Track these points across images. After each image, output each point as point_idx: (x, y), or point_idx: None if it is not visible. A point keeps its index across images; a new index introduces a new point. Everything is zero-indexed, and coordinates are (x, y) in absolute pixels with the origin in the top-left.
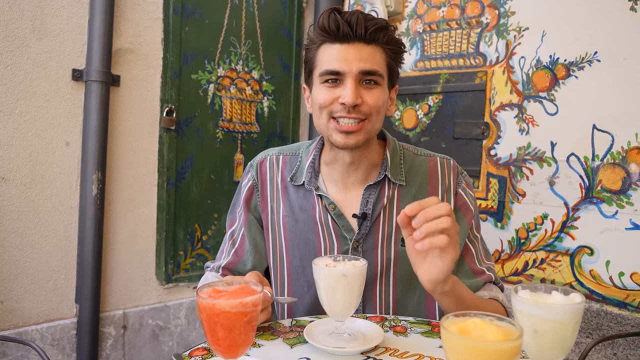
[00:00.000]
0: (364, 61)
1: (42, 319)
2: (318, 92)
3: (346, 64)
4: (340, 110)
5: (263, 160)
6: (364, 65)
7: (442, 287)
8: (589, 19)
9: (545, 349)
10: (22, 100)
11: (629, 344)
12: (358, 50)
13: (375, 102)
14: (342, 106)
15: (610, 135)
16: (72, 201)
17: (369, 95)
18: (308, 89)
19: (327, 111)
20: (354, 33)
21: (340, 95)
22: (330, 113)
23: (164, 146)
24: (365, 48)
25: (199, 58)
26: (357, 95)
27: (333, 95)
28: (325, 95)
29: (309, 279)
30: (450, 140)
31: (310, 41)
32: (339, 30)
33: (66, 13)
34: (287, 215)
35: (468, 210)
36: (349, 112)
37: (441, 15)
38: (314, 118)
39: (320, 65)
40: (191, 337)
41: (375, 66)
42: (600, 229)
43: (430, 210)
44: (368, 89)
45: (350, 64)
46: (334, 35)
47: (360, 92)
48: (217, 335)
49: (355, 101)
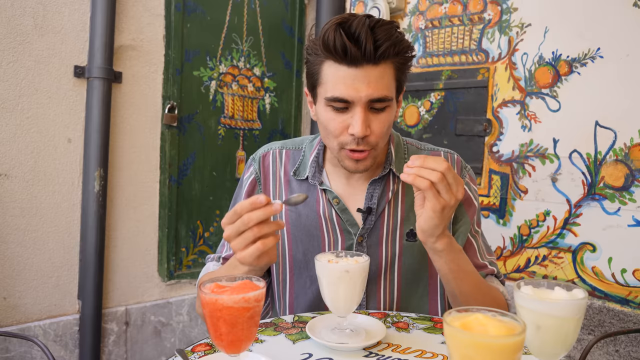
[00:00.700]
0: (372, 87)
1: (44, 315)
2: (325, 116)
3: (354, 92)
4: (350, 142)
5: (266, 154)
6: (372, 93)
7: (433, 243)
8: (591, 15)
9: (547, 345)
10: (24, 97)
11: (631, 341)
12: (367, 75)
13: (382, 130)
14: (351, 137)
15: (613, 131)
16: (75, 198)
17: (376, 123)
18: (312, 97)
19: (338, 142)
20: (362, 54)
21: (349, 125)
22: (341, 144)
23: (166, 143)
24: (373, 71)
25: (200, 55)
26: (366, 125)
27: (342, 124)
28: (334, 123)
29: (311, 273)
30: (452, 137)
31: (312, 51)
32: (347, 54)
33: (68, 10)
34: (290, 209)
35: (471, 205)
36: (358, 144)
37: (443, 11)
38: (321, 133)
39: (325, 87)
40: (193, 334)
41: (385, 91)
42: (602, 226)
43: (430, 161)
44: (376, 114)
45: (359, 91)
46: (340, 57)
47: (369, 120)
48: (220, 330)
49: (365, 132)
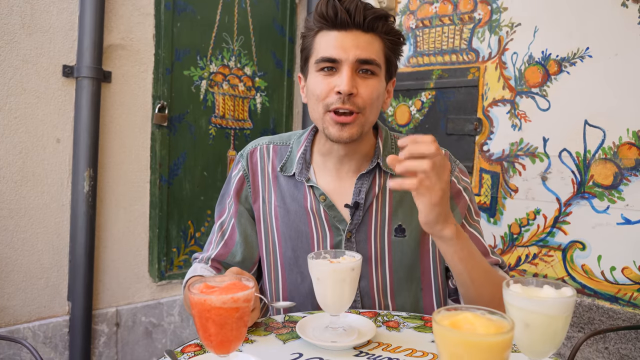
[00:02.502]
0: (361, 49)
1: (34, 316)
2: (314, 81)
3: (343, 51)
4: (336, 101)
5: (253, 150)
6: (360, 53)
7: (440, 231)
8: (580, 14)
9: (536, 343)
10: (11, 97)
11: (620, 338)
12: (355, 37)
13: (370, 94)
14: (337, 96)
15: (602, 130)
16: (64, 198)
17: (364, 86)
18: (303, 77)
19: (323, 104)
20: (352, 20)
21: (335, 85)
22: (326, 106)
23: (156, 143)
24: (363, 36)
25: (191, 54)
26: (353, 84)
27: (329, 85)
28: (321, 85)
29: (302, 270)
30: (443, 136)
31: (307, 28)
32: (337, 17)
33: (56, 9)
34: (279, 205)
35: (461, 198)
36: (344, 103)
37: (434, 11)
38: (309, 108)
39: (316, 53)
40: (184, 334)
41: (373, 55)
42: (592, 224)
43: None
44: (364, 78)
45: (347, 51)
46: (332, 22)
47: (356, 82)
48: (209, 331)
49: (351, 89)
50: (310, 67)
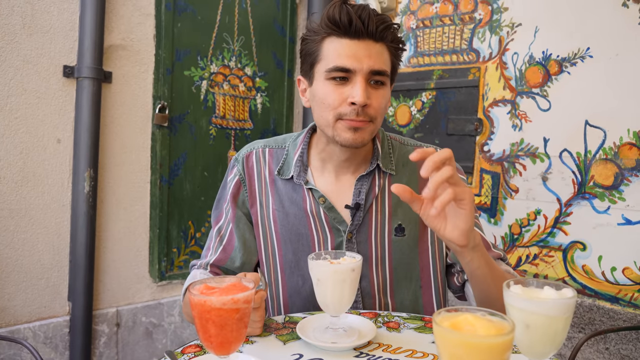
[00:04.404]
0: (373, 59)
1: (34, 317)
2: (324, 90)
3: (357, 61)
4: (350, 112)
5: (249, 154)
6: (374, 64)
7: (475, 238)
8: (581, 15)
9: (537, 344)
10: (12, 97)
11: (621, 339)
12: (368, 47)
13: (380, 104)
14: (351, 107)
15: (603, 130)
16: (64, 199)
17: (375, 97)
18: (306, 81)
19: (335, 113)
20: (365, 29)
21: (349, 95)
22: (339, 115)
23: (157, 143)
24: (374, 46)
25: (191, 54)
26: (367, 95)
27: (341, 96)
28: (333, 95)
29: (303, 272)
30: (443, 137)
31: (312, 32)
32: (351, 25)
33: (57, 9)
34: (277, 209)
35: None
36: (358, 115)
37: (434, 11)
38: (315, 113)
39: (326, 60)
40: (185, 335)
41: (384, 65)
42: (592, 225)
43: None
44: (375, 89)
45: (361, 61)
46: (344, 30)
47: (369, 93)
48: (209, 332)
49: (366, 101)
50: (317, 74)
